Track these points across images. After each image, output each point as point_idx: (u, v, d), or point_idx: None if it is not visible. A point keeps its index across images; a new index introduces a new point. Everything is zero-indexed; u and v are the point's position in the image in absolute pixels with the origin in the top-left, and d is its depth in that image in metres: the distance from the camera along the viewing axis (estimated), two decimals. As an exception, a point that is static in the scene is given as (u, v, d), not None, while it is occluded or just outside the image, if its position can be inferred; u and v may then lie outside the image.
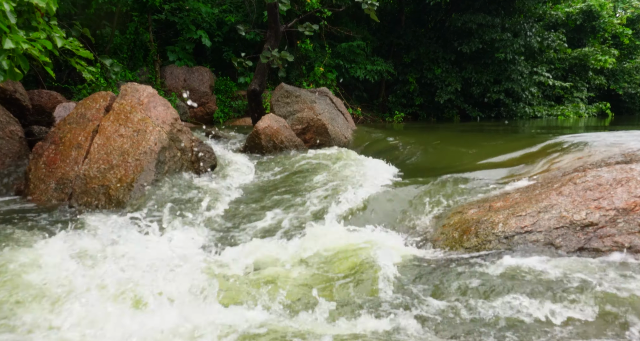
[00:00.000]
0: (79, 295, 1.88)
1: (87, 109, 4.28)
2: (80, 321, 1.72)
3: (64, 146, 4.03)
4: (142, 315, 1.79)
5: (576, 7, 17.81)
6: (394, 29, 14.35)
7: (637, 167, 2.61)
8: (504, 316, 1.81)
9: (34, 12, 3.39)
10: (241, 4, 12.44)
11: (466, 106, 14.23)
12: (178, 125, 4.47)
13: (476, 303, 1.90)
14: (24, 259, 2.21)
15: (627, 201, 2.36)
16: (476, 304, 1.90)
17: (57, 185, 3.84)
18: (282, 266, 2.33)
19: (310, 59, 12.32)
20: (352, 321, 1.81)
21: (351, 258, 2.38)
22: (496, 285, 2.00)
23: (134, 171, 3.84)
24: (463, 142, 5.96)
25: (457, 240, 2.57)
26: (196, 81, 11.08)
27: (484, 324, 1.77)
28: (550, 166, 3.52)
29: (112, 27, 10.34)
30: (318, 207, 3.39)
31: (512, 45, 13.24)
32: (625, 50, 19.73)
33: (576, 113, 15.71)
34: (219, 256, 2.61)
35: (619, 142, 3.54)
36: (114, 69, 4.52)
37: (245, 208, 3.63)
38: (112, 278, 2.02)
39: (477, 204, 2.86)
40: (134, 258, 2.32)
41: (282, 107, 7.05)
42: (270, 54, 6.87)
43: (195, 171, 4.50)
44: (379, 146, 6.46)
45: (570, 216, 2.38)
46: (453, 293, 2.01)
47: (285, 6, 6.81)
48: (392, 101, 14.13)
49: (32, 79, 8.44)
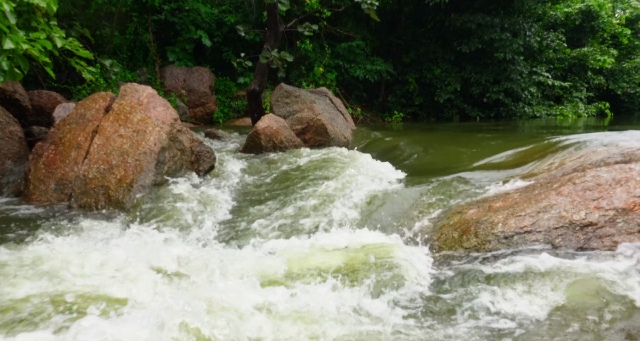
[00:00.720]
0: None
1: (86, 110, 4.29)
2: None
3: (64, 146, 4.03)
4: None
5: (575, 7, 17.83)
6: (394, 29, 14.36)
7: (636, 167, 2.61)
8: (503, 316, 1.81)
9: (34, 13, 3.39)
10: (241, 4, 12.44)
11: (466, 106, 14.24)
12: (178, 125, 4.48)
13: (475, 303, 1.90)
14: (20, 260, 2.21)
15: (626, 201, 2.37)
16: (475, 303, 1.90)
17: (57, 186, 3.84)
18: (280, 268, 2.33)
19: (310, 59, 12.32)
20: (347, 319, 1.82)
21: (349, 257, 2.39)
22: (495, 284, 2.00)
23: (133, 171, 3.84)
24: (462, 142, 5.96)
25: (456, 240, 2.57)
26: (196, 81, 11.09)
27: (484, 323, 1.77)
28: (550, 166, 3.52)
29: (112, 28, 10.34)
30: (317, 207, 3.39)
31: (512, 45, 13.26)
32: (624, 50, 19.74)
33: (575, 113, 15.72)
34: (220, 256, 2.61)
35: (618, 142, 3.54)
36: (113, 70, 4.53)
37: (245, 209, 3.63)
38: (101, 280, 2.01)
39: (476, 204, 2.87)
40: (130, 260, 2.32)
41: (282, 107, 7.05)
42: (270, 54, 6.88)
43: (195, 171, 4.51)
44: (378, 146, 6.46)
45: (569, 216, 2.38)
46: (451, 292, 2.02)
47: (284, 6, 6.81)
48: (392, 101, 14.13)
49: (32, 80, 8.44)
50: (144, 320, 1.66)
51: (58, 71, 9.01)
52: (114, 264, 2.23)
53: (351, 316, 1.86)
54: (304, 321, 1.78)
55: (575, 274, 2.02)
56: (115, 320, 1.71)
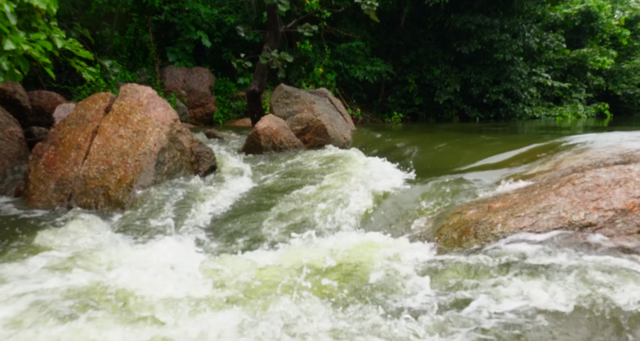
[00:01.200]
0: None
1: (86, 110, 4.29)
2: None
3: (64, 146, 4.04)
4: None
5: (575, 8, 17.85)
6: (393, 29, 14.37)
7: (636, 168, 2.62)
8: (503, 315, 1.81)
9: (34, 13, 3.40)
10: (241, 4, 12.45)
11: (465, 107, 14.25)
12: (177, 126, 4.48)
13: (474, 302, 1.91)
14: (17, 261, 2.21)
15: (626, 201, 2.37)
16: (474, 305, 1.90)
17: (57, 186, 3.84)
18: (279, 270, 2.33)
19: (310, 60, 12.33)
20: (345, 318, 1.82)
21: (348, 256, 2.39)
22: (495, 284, 2.01)
23: (133, 172, 3.84)
24: (462, 142, 5.97)
25: (456, 241, 2.57)
26: (196, 82, 11.09)
27: (482, 325, 1.78)
28: (549, 166, 3.53)
29: (112, 28, 10.35)
30: (317, 208, 3.40)
31: (511, 46, 13.27)
32: (623, 51, 19.78)
33: (575, 114, 15.73)
34: (218, 258, 2.61)
35: (618, 143, 3.55)
36: (113, 70, 4.53)
37: (245, 210, 3.63)
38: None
39: (476, 205, 2.87)
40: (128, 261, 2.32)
41: (282, 108, 7.06)
42: (270, 55, 6.88)
43: (194, 171, 4.51)
44: (378, 147, 6.47)
45: (568, 217, 2.39)
46: (451, 292, 2.02)
47: (284, 7, 6.82)
48: (392, 101, 14.14)
49: (32, 80, 8.44)
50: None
51: (58, 72, 9.02)
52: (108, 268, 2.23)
53: (341, 314, 1.86)
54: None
55: (574, 274, 2.03)
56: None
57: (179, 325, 1.75)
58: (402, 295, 2.06)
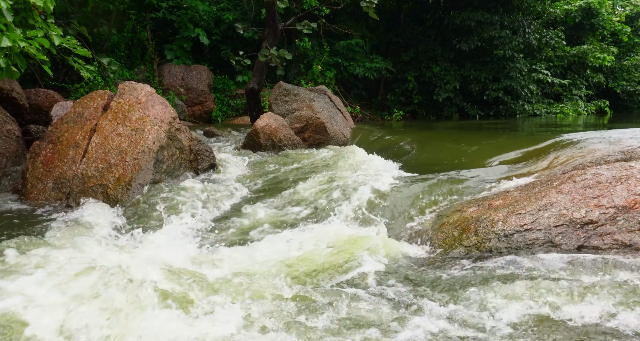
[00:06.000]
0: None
1: (84, 108, 4.26)
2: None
3: (62, 145, 4.01)
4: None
5: (575, 5, 17.79)
6: (393, 27, 14.33)
7: (637, 165, 2.60)
8: (502, 314, 1.80)
9: (31, 11, 3.37)
10: (239, 2, 12.40)
11: (465, 104, 14.22)
12: (176, 124, 4.46)
13: (474, 301, 1.89)
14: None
15: (627, 198, 2.36)
16: (474, 302, 1.89)
17: (55, 184, 3.82)
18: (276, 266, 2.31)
19: (309, 58, 12.29)
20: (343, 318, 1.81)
21: (347, 256, 2.38)
22: (494, 284, 1.99)
23: (132, 170, 3.82)
24: (462, 140, 5.95)
25: (456, 238, 2.56)
26: (194, 80, 11.05)
27: (482, 322, 1.76)
28: (550, 164, 3.51)
29: (110, 26, 10.30)
30: (316, 206, 3.38)
31: (511, 42, 13.23)
32: (624, 48, 19.73)
33: (575, 111, 15.70)
34: (216, 256, 2.59)
35: (618, 140, 3.53)
36: (111, 68, 4.51)
37: (244, 208, 3.62)
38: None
39: (476, 203, 2.86)
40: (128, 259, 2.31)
41: (281, 105, 7.03)
42: (269, 53, 6.86)
43: (194, 170, 4.49)
44: (378, 145, 6.45)
45: (569, 214, 2.37)
46: (450, 291, 2.01)
47: (283, 4, 6.79)
48: (391, 99, 14.11)
49: (29, 78, 8.40)
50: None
51: (55, 69, 8.97)
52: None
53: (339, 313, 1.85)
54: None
55: (575, 272, 2.01)
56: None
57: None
58: (402, 289, 2.04)
